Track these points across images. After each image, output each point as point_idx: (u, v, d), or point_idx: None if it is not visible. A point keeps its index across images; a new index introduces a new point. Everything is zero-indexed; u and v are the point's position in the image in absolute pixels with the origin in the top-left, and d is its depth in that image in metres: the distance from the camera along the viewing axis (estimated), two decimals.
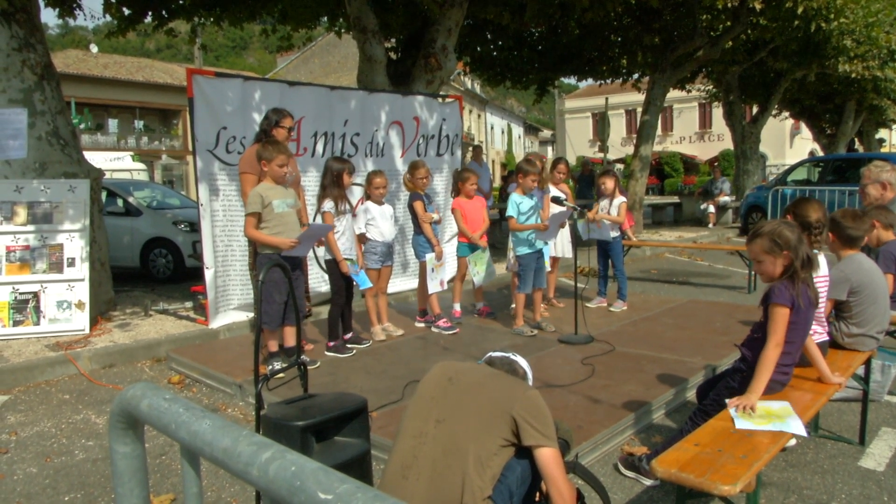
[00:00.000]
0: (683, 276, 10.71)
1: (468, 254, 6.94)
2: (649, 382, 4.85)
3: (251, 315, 6.91)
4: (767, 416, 3.03)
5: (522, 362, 2.87)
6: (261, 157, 5.08)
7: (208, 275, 6.71)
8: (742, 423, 2.98)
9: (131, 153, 25.11)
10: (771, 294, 3.21)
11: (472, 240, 6.86)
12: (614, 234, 7.51)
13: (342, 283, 5.88)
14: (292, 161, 5.43)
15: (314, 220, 6.56)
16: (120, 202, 10.79)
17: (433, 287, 6.66)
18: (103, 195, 9.62)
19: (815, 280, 3.66)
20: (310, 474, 1.22)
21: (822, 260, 3.82)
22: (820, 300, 3.79)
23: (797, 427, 2.91)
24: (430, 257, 6.60)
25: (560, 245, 7.64)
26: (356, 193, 6.78)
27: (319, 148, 7.67)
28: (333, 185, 5.80)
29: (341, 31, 12.57)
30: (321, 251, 6.16)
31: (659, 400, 4.56)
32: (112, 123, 34.36)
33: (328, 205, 5.77)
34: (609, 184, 7.51)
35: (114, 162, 20.24)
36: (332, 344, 5.90)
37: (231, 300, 6.96)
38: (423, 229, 6.57)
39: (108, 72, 33.22)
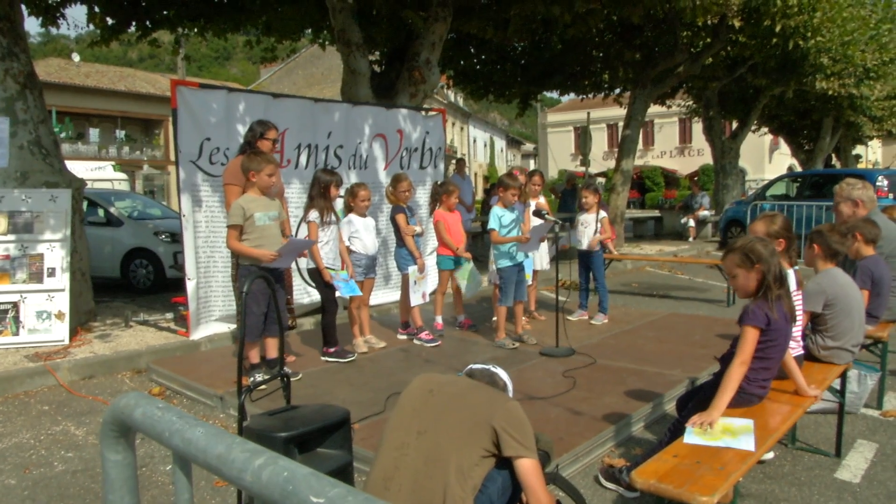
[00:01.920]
0: (664, 289, 10.81)
1: (451, 267, 6.97)
2: (630, 395, 4.90)
3: (233, 326, 6.88)
4: (723, 433, 3.03)
5: (503, 374, 2.90)
6: (248, 167, 5.10)
7: (190, 286, 6.68)
8: (691, 439, 2.98)
9: (112, 163, 24.96)
10: (744, 314, 3.26)
11: (456, 252, 6.91)
12: (595, 245, 7.58)
13: (331, 291, 5.89)
14: (277, 173, 5.44)
15: (298, 230, 6.56)
16: (101, 212, 10.72)
17: (415, 299, 6.68)
18: (84, 205, 9.56)
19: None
20: (301, 479, 1.25)
21: (791, 276, 3.83)
22: (797, 316, 3.85)
23: (747, 443, 2.91)
24: (412, 270, 6.63)
25: (539, 258, 7.70)
26: (338, 206, 6.80)
27: (303, 160, 7.68)
28: (320, 196, 5.84)
29: (325, 43, 12.61)
30: (303, 262, 6.16)
31: (639, 412, 4.60)
32: (93, 133, 34.13)
33: (313, 215, 5.80)
34: (591, 198, 7.58)
35: (95, 172, 20.10)
36: (331, 350, 5.92)
37: (213, 311, 6.93)
38: (406, 242, 6.60)
39: (90, 81, 33.03)
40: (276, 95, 7.55)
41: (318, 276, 5.87)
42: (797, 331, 3.88)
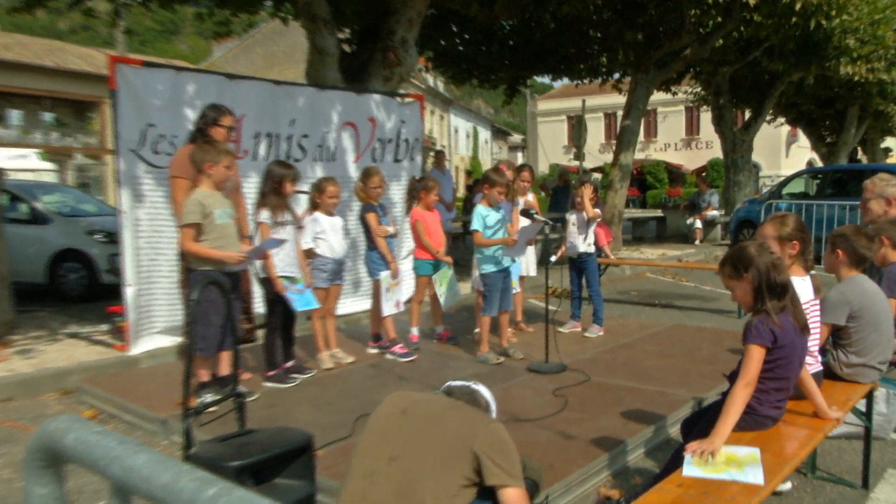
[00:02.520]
0: (667, 298, 10.92)
1: (430, 272, 7.00)
2: (628, 417, 4.94)
3: (179, 339, 6.84)
4: (727, 463, 3.01)
5: (485, 392, 2.92)
6: (203, 159, 5.06)
7: (129, 293, 6.63)
8: (691, 471, 2.96)
9: (38, 151, 24.69)
10: (746, 331, 3.29)
11: (436, 256, 6.94)
12: (588, 249, 7.65)
13: (277, 303, 5.87)
14: (234, 165, 5.42)
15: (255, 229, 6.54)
16: (24, 207, 10.57)
17: (388, 309, 6.69)
18: (4, 199, 9.45)
19: (805, 305, 3.74)
20: None
21: (806, 283, 3.87)
22: (812, 328, 3.88)
23: (755, 476, 2.89)
24: (384, 275, 6.64)
25: (526, 263, 7.76)
26: (302, 203, 6.79)
27: (262, 151, 7.67)
28: (273, 192, 5.79)
29: (288, 17, 12.54)
30: (258, 265, 6.14)
31: (639, 437, 4.64)
32: (14, 115, 33.69)
33: (264, 215, 5.76)
34: (587, 192, 7.63)
35: (17, 160, 19.88)
36: (270, 374, 5.88)
37: (155, 322, 6.88)
38: (378, 244, 6.61)
39: (10, 54, 32.46)
40: (231, 76, 7.53)
41: (269, 285, 5.85)
42: (814, 344, 3.89)
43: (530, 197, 7.80)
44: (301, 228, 6.10)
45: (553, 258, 7.52)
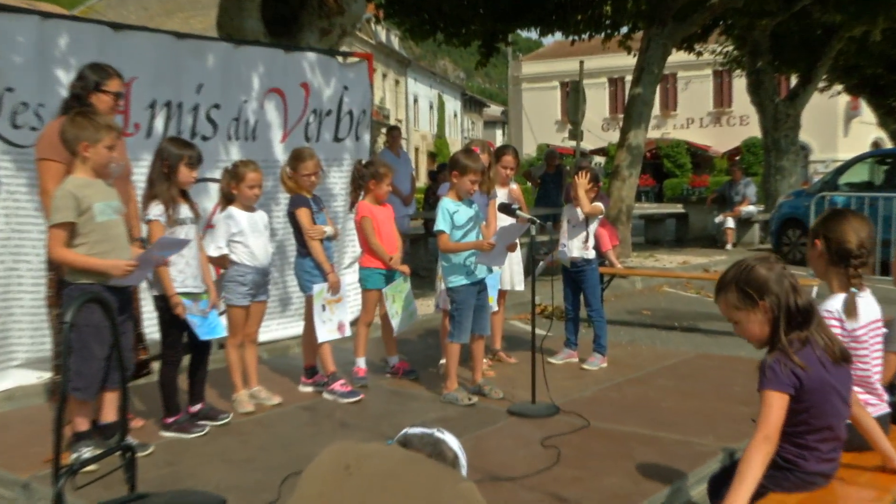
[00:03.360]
0: (689, 318, 11.04)
1: (381, 285, 7.01)
2: (640, 473, 4.98)
3: (47, 375, 6.76)
4: None
5: (453, 442, 2.93)
6: (77, 136, 4.98)
7: None
8: None
9: None
10: (761, 375, 3.32)
11: (389, 264, 6.95)
12: (586, 254, 7.70)
13: (178, 328, 5.82)
14: (120, 145, 5.38)
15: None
16: None
17: (325, 333, 6.67)
18: None
19: (862, 329, 3.79)
20: None
21: (868, 301, 3.93)
22: (875, 357, 3.92)
23: None
24: (319, 290, 6.62)
25: (509, 274, 7.79)
26: (213, 195, 6.77)
27: (159, 125, 7.63)
28: (163, 179, 5.71)
29: None
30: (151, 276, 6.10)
31: (653, 500, 4.68)
32: None
33: (155, 210, 5.67)
34: (584, 181, 7.66)
35: None
36: (170, 420, 5.84)
37: (14, 353, 6.82)
38: (311, 249, 6.60)
39: None
40: (117, 26, 7.49)
41: (163, 308, 5.77)
42: (875, 378, 3.94)
43: (513, 187, 7.84)
44: (210, 227, 6.08)
45: (541, 267, 7.58)
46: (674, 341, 9.56)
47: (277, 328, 8.57)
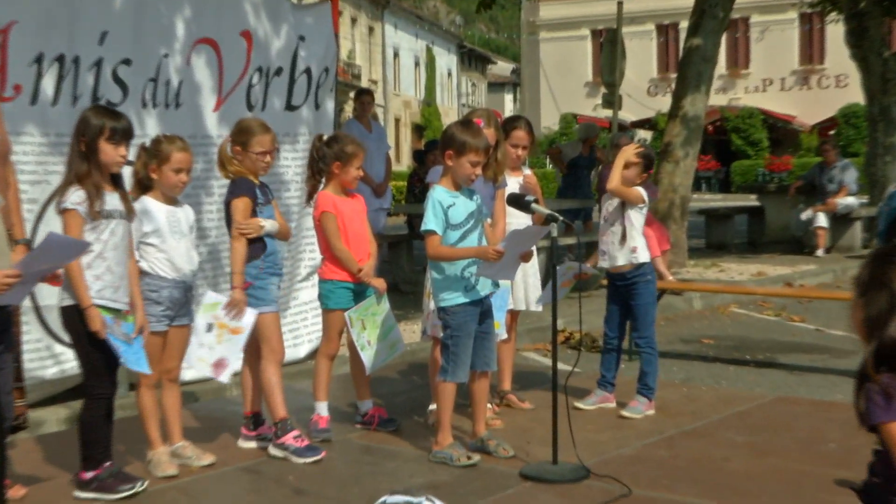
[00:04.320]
0: (766, 350, 11.04)
1: (347, 304, 7.01)
2: None
3: None
4: None
5: None
6: None
7: None
8: None
9: None
10: (869, 405, 3.27)
11: (357, 276, 6.95)
12: (636, 258, 7.69)
13: (100, 353, 5.79)
14: None
15: (36, 227, 6.47)
16: None
17: (193, 361, 6.65)
18: None
19: None
20: None
21: None
22: None
23: None
24: (211, 300, 6.64)
25: (523, 291, 7.81)
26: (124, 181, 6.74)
27: (48, 86, 7.60)
28: (81, 159, 5.72)
29: None
30: (50, 293, 6.06)
31: None
32: None
33: (74, 197, 5.67)
34: (630, 153, 7.65)
35: None
36: (88, 475, 5.85)
37: None
38: (231, 249, 6.62)
39: None
40: None
41: (77, 324, 5.77)
42: None
43: (527, 173, 7.84)
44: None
45: (565, 273, 7.53)
46: (745, 380, 9.54)
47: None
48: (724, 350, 11.04)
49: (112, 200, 5.82)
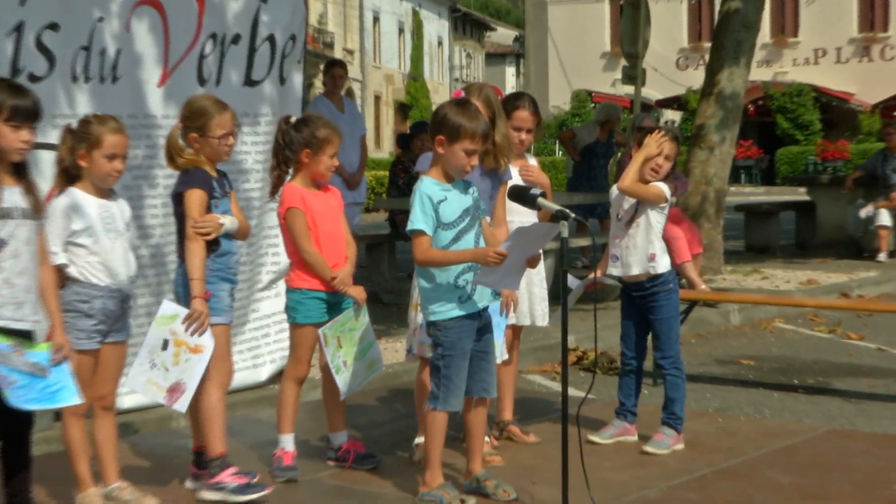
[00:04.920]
0: (818, 373, 11.08)
1: (321, 318, 7.03)
2: None
3: None
4: None
5: None
6: None
7: None
8: None
9: None
10: None
11: (332, 285, 6.96)
12: (653, 267, 7.71)
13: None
14: None
15: None
16: None
17: (141, 385, 6.66)
18: None
19: None
20: None
21: None
22: None
23: None
24: (169, 312, 6.57)
25: (527, 303, 7.81)
26: (45, 171, 6.73)
27: None
28: None
29: None
30: None
31: None
32: None
33: None
34: (661, 144, 7.66)
35: None
36: None
37: None
38: (187, 250, 6.57)
39: None
40: None
41: None
42: None
43: (532, 161, 7.85)
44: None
45: (577, 287, 7.53)
46: (792, 409, 9.56)
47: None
48: (767, 373, 11.08)
49: (11, 196, 5.69)
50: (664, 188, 7.64)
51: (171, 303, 6.62)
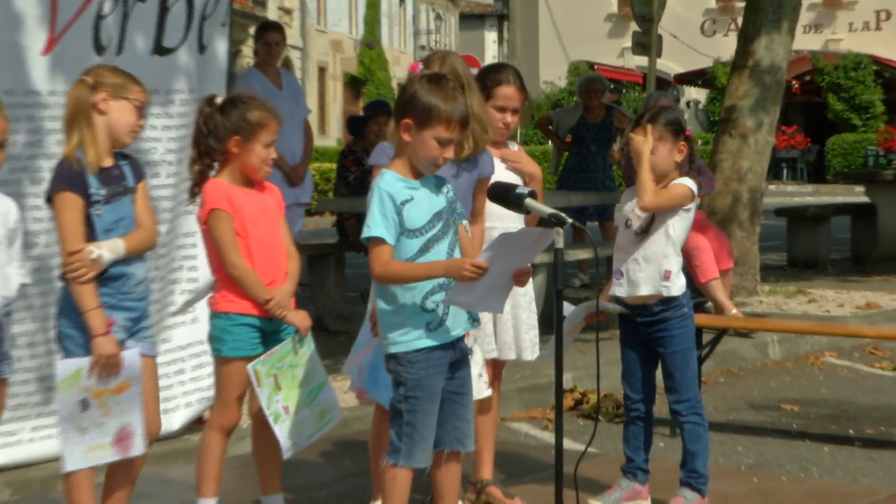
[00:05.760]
0: (880, 421, 11.13)
1: (255, 350, 7.05)
2: None
3: None
4: None
5: None
6: None
7: None
8: None
9: None
10: None
11: (267, 308, 6.98)
12: (666, 288, 7.75)
13: None
14: None
15: None
16: None
17: (79, 455, 6.63)
18: None
19: None
20: None
21: None
22: None
23: None
24: (73, 368, 6.57)
25: (512, 330, 7.86)
26: None
27: None
28: None
29: None
30: None
31: None
32: None
33: None
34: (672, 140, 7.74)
35: None
36: None
37: None
38: (71, 290, 6.60)
39: None
40: None
41: None
42: None
43: (514, 148, 7.91)
44: None
45: (575, 315, 7.54)
46: (846, 467, 9.59)
47: (33, 438, 8.52)
48: (814, 421, 11.14)
49: None
50: (690, 184, 7.62)
51: (66, 360, 6.55)
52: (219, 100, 7.39)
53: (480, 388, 7.32)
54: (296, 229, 13.26)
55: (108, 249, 6.49)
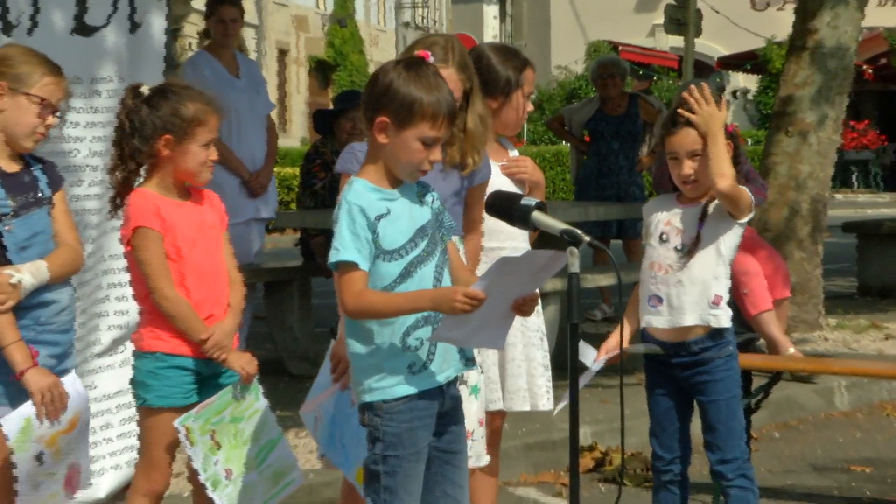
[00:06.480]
0: None
1: (189, 398, 7.04)
2: None
3: None
4: None
5: None
6: None
7: None
8: None
9: None
10: None
11: (203, 348, 6.95)
12: (722, 319, 7.71)
13: None
14: None
15: None
16: None
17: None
18: None
19: None
20: None
21: None
22: None
23: None
24: (21, 419, 6.61)
25: (525, 370, 7.82)
26: None
27: None
28: None
29: None
30: None
31: None
32: None
33: None
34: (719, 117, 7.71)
35: None
36: None
37: None
38: None
39: None
40: None
41: None
42: None
43: (513, 153, 7.96)
44: None
45: (593, 359, 7.48)
46: None
47: None
48: (891, 486, 11.12)
49: None
50: (750, 194, 7.61)
51: (9, 415, 6.56)
52: (146, 90, 7.26)
53: (480, 452, 7.26)
54: (254, 250, 13.20)
55: (29, 273, 6.55)
